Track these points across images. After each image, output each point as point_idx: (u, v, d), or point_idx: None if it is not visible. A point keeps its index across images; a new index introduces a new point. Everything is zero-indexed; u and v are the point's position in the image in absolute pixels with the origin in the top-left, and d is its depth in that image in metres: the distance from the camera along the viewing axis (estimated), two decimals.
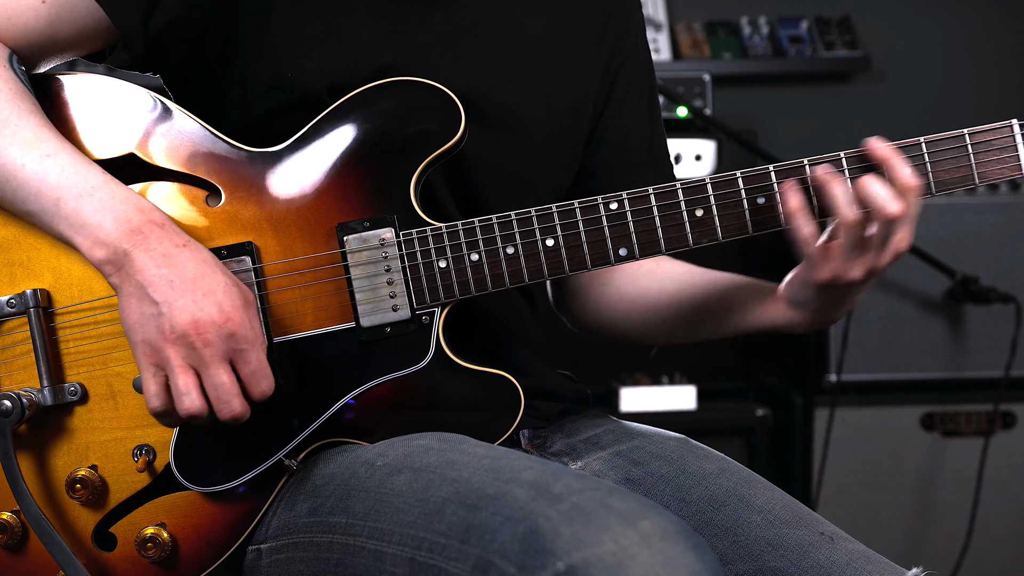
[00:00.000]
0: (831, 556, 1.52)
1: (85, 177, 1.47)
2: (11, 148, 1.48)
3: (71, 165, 1.47)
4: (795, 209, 1.53)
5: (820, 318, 1.62)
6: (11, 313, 1.54)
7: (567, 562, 1.21)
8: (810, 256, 1.54)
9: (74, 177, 1.47)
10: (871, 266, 1.52)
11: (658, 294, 1.83)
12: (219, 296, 1.43)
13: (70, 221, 1.46)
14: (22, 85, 1.53)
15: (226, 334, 1.43)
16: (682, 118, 3.57)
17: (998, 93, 4.35)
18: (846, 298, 1.58)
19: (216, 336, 1.42)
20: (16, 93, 1.51)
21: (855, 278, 1.53)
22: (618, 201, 1.57)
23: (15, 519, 1.55)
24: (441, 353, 1.56)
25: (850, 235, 1.50)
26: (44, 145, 1.48)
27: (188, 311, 1.42)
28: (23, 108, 1.50)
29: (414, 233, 1.55)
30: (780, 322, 1.67)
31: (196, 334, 1.42)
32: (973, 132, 1.55)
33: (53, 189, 1.46)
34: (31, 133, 1.49)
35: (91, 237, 1.45)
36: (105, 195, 1.46)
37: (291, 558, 1.53)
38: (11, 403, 1.49)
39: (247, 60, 1.61)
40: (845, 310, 1.62)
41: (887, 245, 1.51)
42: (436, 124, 1.56)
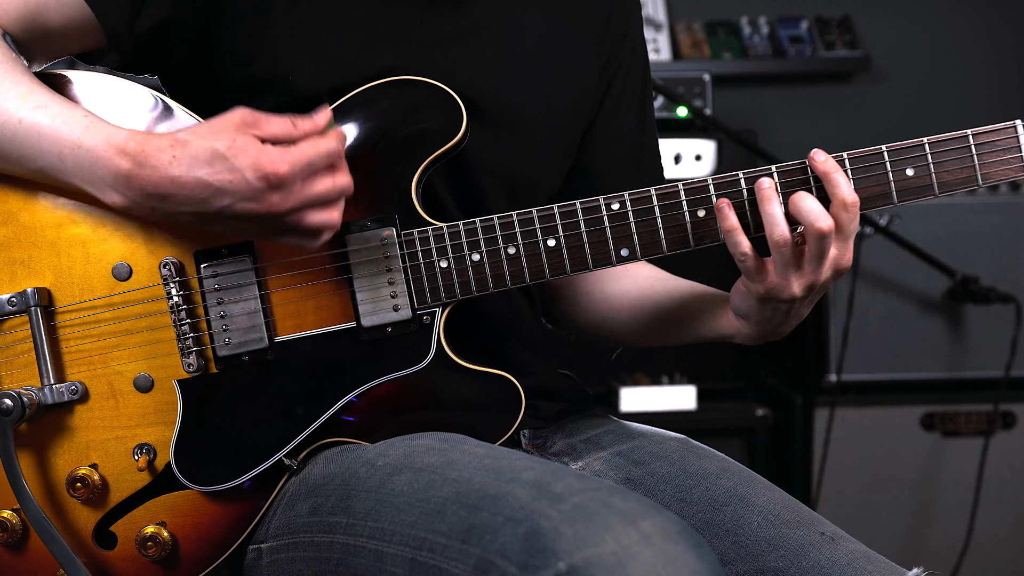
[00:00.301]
0: (832, 556, 1.52)
1: (71, 126, 1.46)
2: (7, 104, 1.48)
3: (60, 114, 1.47)
4: (729, 228, 1.53)
5: (767, 330, 1.62)
6: (12, 312, 1.54)
7: (568, 562, 1.21)
8: (747, 271, 1.55)
9: (63, 127, 1.46)
10: (810, 282, 1.53)
11: (619, 302, 1.85)
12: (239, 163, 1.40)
13: (78, 175, 1.47)
14: (12, 53, 1.53)
15: (278, 179, 1.41)
16: (682, 118, 3.57)
17: (998, 93, 4.35)
18: (791, 312, 1.58)
19: (277, 188, 1.41)
20: (6, 57, 1.52)
21: (794, 294, 1.53)
22: (620, 201, 1.56)
23: (15, 517, 1.55)
24: (442, 353, 1.56)
25: (783, 253, 1.51)
26: (35, 97, 1.48)
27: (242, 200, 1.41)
28: (13, 68, 1.51)
29: (415, 233, 1.55)
30: (729, 332, 1.67)
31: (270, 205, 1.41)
32: (977, 133, 1.55)
33: (52, 143, 1.46)
34: (25, 87, 1.49)
35: (99, 189, 1.46)
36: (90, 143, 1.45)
37: (291, 558, 1.53)
38: (12, 402, 1.49)
39: (245, 60, 1.60)
40: (793, 323, 1.61)
41: (823, 261, 1.51)
42: (438, 123, 1.56)
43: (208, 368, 1.55)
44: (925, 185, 1.55)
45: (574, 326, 1.94)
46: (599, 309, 1.87)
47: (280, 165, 1.40)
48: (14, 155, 1.50)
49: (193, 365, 1.54)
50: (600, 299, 1.87)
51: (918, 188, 1.55)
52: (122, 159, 1.43)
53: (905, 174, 1.55)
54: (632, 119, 1.86)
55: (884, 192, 1.55)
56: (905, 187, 1.55)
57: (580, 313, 1.91)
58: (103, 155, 1.44)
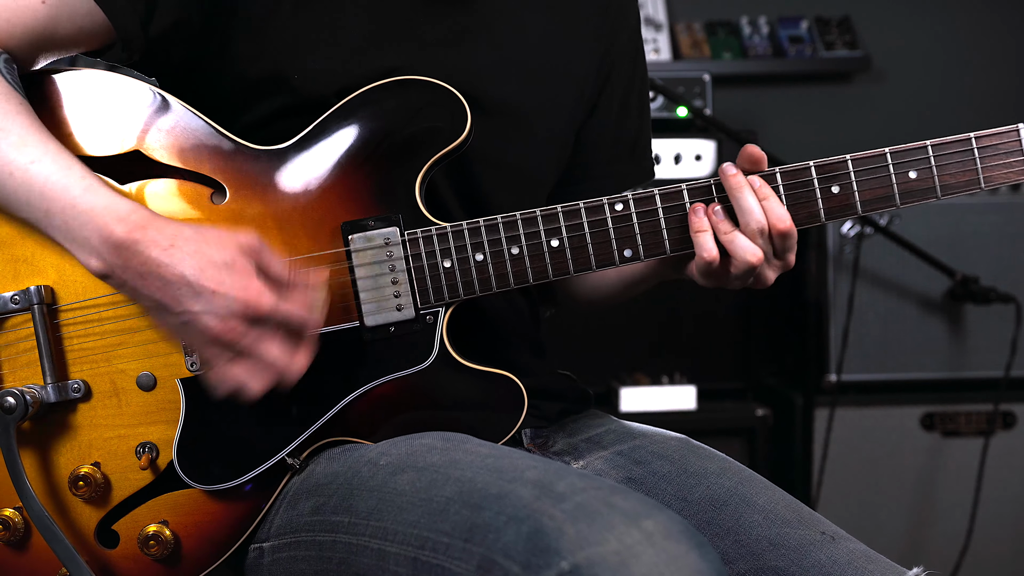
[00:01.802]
0: (832, 555, 1.52)
1: (66, 186, 1.44)
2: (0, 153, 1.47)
3: (54, 172, 1.45)
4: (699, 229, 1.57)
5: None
6: (15, 309, 1.54)
7: (571, 561, 1.21)
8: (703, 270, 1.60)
9: (56, 186, 1.44)
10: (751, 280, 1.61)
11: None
12: (227, 282, 1.40)
13: (63, 233, 1.45)
14: (9, 86, 1.51)
15: (252, 318, 1.41)
16: (682, 118, 3.57)
17: (998, 93, 4.35)
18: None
19: (245, 325, 1.41)
20: (3, 94, 1.50)
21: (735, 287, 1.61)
22: (623, 202, 1.57)
23: (18, 516, 1.55)
24: (445, 353, 1.56)
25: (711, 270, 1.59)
26: (28, 150, 1.46)
27: (207, 315, 1.40)
28: (10, 110, 1.49)
29: (419, 233, 1.55)
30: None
31: (226, 332, 1.40)
32: (979, 136, 1.55)
33: (40, 199, 1.45)
34: (16, 137, 1.47)
35: (83, 251, 1.44)
36: (85, 206, 1.44)
37: (293, 557, 1.53)
38: (14, 400, 1.49)
39: (250, 60, 1.60)
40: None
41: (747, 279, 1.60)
42: (442, 123, 1.56)
43: None
44: (928, 188, 1.56)
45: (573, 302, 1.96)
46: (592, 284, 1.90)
47: (266, 302, 1.41)
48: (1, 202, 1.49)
49: (196, 363, 1.54)
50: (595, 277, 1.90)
51: (921, 191, 1.56)
52: (119, 226, 1.42)
53: (908, 177, 1.56)
54: (634, 107, 1.88)
55: (887, 195, 1.56)
56: (908, 190, 1.56)
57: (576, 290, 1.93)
58: (98, 219, 1.42)
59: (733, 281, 1.60)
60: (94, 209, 1.43)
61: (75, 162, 1.47)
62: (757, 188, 1.55)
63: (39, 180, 1.45)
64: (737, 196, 1.55)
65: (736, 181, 1.55)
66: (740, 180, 1.55)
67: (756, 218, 1.54)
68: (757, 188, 1.55)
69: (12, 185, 1.46)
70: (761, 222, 1.54)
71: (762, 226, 1.54)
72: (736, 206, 1.55)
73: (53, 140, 1.48)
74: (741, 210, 1.55)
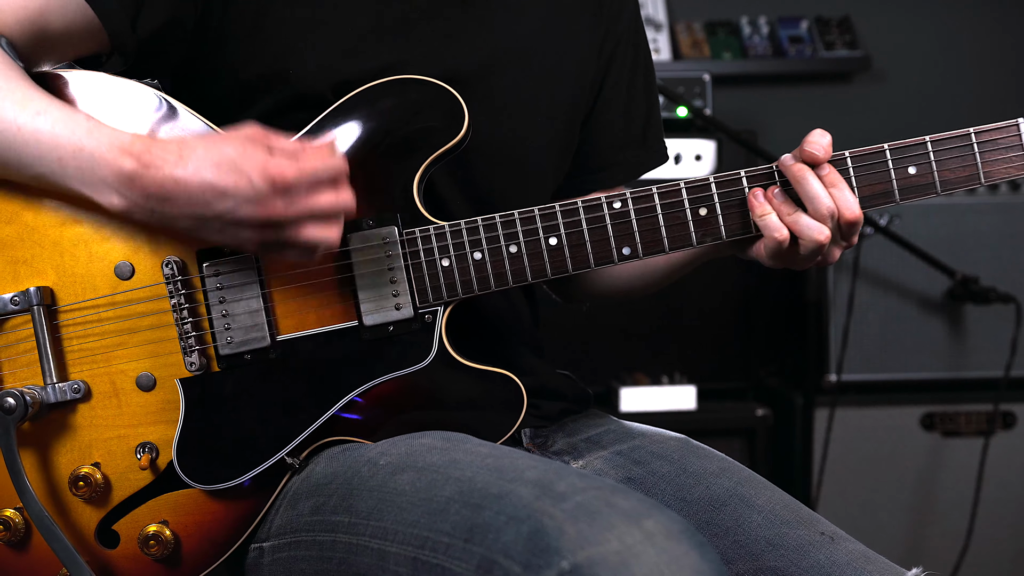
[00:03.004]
0: (831, 556, 1.52)
1: (72, 130, 1.45)
2: (4, 111, 1.47)
3: (60, 119, 1.46)
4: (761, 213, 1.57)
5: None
6: (15, 311, 1.54)
7: (572, 561, 1.21)
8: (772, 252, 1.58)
9: (64, 131, 1.45)
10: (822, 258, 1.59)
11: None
12: (246, 169, 1.40)
13: (78, 179, 1.46)
14: (10, 58, 1.52)
15: (283, 188, 1.41)
16: (682, 118, 3.57)
17: (998, 93, 4.36)
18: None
19: (282, 198, 1.41)
20: (4, 64, 1.51)
21: (803, 267, 1.61)
22: (621, 200, 1.57)
23: (18, 516, 1.55)
24: (444, 352, 1.56)
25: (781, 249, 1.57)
26: (33, 104, 1.47)
27: (243, 206, 1.40)
28: (10, 74, 1.50)
29: (417, 232, 1.55)
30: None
31: (271, 213, 1.41)
32: (979, 131, 1.55)
33: (51, 149, 1.45)
34: (21, 94, 1.48)
35: (100, 192, 1.45)
36: (92, 145, 1.44)
37: (293, 557, 1.53)
38: (14, 400, 1.49)
39: (246, 58, 1.61)
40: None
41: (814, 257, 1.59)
42: (439, 122, 1.56)
43: (210, 367, 1.55)
44: (927, 183, 1.56)
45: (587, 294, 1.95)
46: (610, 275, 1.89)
47: (287, 170, 1.40)
48: (12, 161, 1.48)
49: (195, 364, 1.54)
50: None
51: (920, 186, 1.56)
52: (126, 159, 1.42)
53: (907, 172, 1.56)
54: (639, 91, 1.88)
55: (886, 191, 1.56)
56: (907, 185, 1.56)
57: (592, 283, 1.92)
58: (106, 156, 1.43)
59: (802, 261, 1.59)
60: (100, 147, 1.44)
61: (78, 110, 1.49)
62: (825, 175, 1.55)
63: (46, 129, 1.45)
64: (803, 184, 1.54)
65: (799, 170, 1.54)
66: (803, 169, 1.54)
67: (825, 203, 1.54)
68: (825, 175, 1.55)
69: (22, 139, 1.46)
70: (830, 206, 1.54)
71: (832, 210, 1.54)
72: (803, 194, 1.55)
73: (55, 98, 1.49)
74: (808, 197, 1.54)
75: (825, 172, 1.54)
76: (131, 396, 1.55)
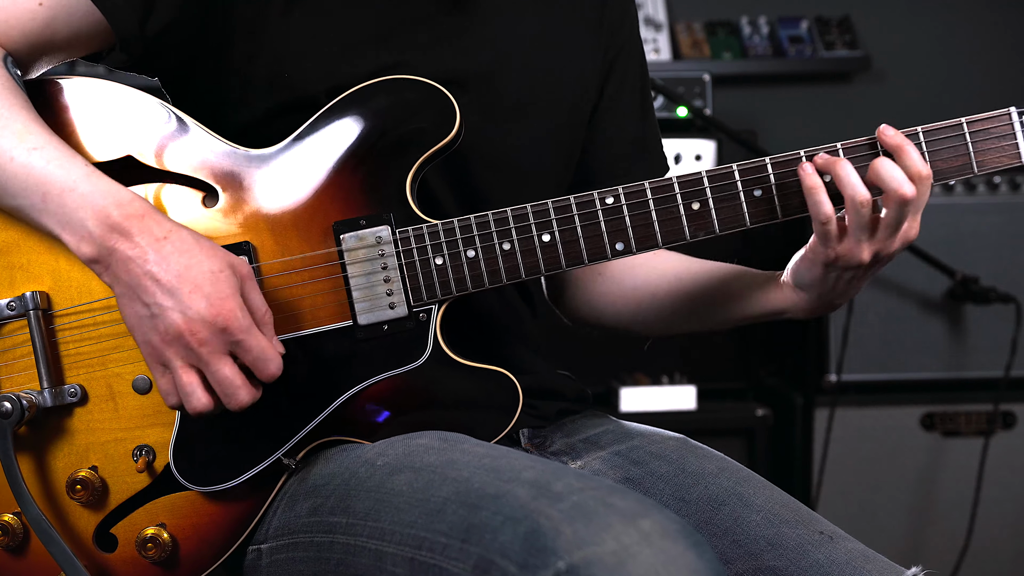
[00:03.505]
0: (830, 555, 1.52)
1: (68, 171, 1.46)
2: (1, 140, 1.47)
3: (56, 158, 1.46)
4: (814, 186, 1.53)
5: (823, 303, 1.63)
6: (11, 316, 1.54)
7: (568, 561, 1.21)
8: (825, 234, 1.54)
9: (58, 171, 1.45)
10: (878, 250, 1.54)
11: (656, 286, 1.84)
12: (206, 289, 1.42)
13: (56, 217, 1.45)
14: (15, 83, 1.53)
15: (219, 329, 1.42)
16: (682, 118, 3.57)
17: (998, 93, 4.35)
18: (851, 283, 1.59)
19: (209, 333, 1.41)
20: (8, 90, 1.51)
21: (863, 260, 1.54)
22: (614, 196, 1.57)
23: (16, 520, 1.55)
24: (439, 350, 1.56)
25: (861, 215, 1.51)
26: (32, 138, 1.47)
27: (176, 312, 1.41)
28: (14, 103, 1.50)
29: (410, 231, 1.55)
30: (782, 305, 1.68)
31: (189, 334, 1.41)
32: (971, 120, 1.55)
33: (39, 184, 1.45)
34: (20, 126, 1.48)
35: (76, 234, 1.44)
36: (86, 189, 1.45)
37: (291, 558, 1.53)
38: (11, 405, 1.49)
39: (246, 60, 1.61)
40: (848, 295, 1.63)
41: (897, 229, 1.53)
42: (431, 122, 1.56)
43: None
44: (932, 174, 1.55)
45: (603, 320, 1.94)
46: (636, 298, 1.87)
47: (236, 320, 1.42)
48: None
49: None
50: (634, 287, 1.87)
51: None
52: (117, 210, 1.43)
53: None
54: (636, 105, 1.87)
55: None
56: None
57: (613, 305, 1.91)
58: (98, 201, 1.44)
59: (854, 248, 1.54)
60: (95, 192, 1.44)
61: (77, 154, 1.49)
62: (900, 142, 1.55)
63: (39, 164, 1.46)
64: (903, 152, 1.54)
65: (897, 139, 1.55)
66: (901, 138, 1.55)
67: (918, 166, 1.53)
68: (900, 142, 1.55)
69: (12, 170, 1.46)
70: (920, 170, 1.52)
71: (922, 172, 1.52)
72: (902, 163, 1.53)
73: (55, 135, 1.50)
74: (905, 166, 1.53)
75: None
76: (127, 399, 1.55)
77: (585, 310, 1.94)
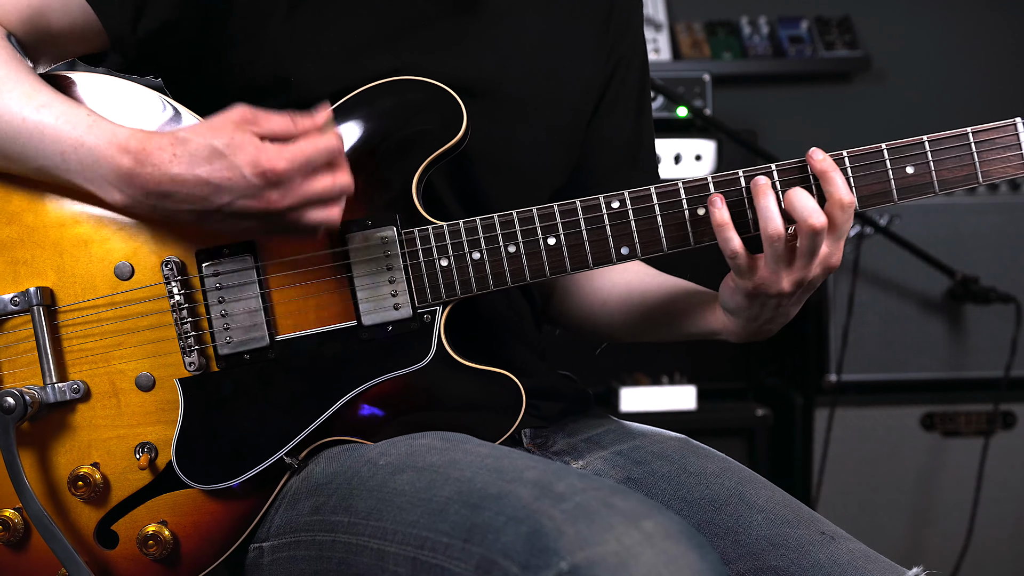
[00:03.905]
0: (832, 555, 1.52)
1: (74, 125, 1.47)
2: (11, 104, 1.49)
3: (63, 112, 1.48)
4: (720, 222, 1.53)
5: (754, 327, 1.63)
6: (15, 311, 1.54)
7: (571, 561, 1.21)
8: (737, 268, 1.55)
9: (64, 127, 1.47)
10: (798, 278, 1.54)
11: (607, 294, 1.86)
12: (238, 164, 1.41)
13: (81, 175, 1.48)
14: (16, 52, 1.54)
15: (278, 181, 1.42)
16: (682, 118, 3.57)
17: (998, 93, 4.35)
18: (778, 308, 1.59)
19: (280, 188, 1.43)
20: (11, 57, 1.53)
21: (783, 289, 1.54)
22: (620, 200, 1.57)
23: (17, 516, 1.55)
24: (443, 352, 1.56)
25: (775, 248, 1.51)
26: (38, 97, 1.49)
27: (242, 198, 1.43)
28: (19, 68, 1.52)
29: (416, 232, 1.55)
30: (716, 329, 1.68)
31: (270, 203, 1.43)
32: (976, 131, 1.55)
33: (54, 143, 1.47)
34: (29, 87, 1.50)
35: (104, 188, 1.47)
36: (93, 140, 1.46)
37: (293, 557, 1.53)
38: (14, 400, 1.49)
39: (248, 63, 1.61)
40: (780, 322, 1.62)
41: (813, 258, 1.52)
42: (438, 124, 1.56)
43: (209, 367, 1.55)
44: (925, 183, 1.55)
45: (564, 320, 1.95)
46: (588, 303, 1.89)
47: (278, 162, 1.41)
48: (16, 153, 1.50)
49: (194, 364, 1.54)
50: (588, 292, 1.88)
51: (918, 186, 1.56)
52: (124, 157, 1.44)
53: (905, 172, 1.55)
54: (631, 113, 1.87)
55: (884, 191, 1.56)
56: (905, 185, 1.55)
57: (569, 307, 1.92)
58: (105, 153, 1.45)
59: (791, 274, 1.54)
60: (99, 144, 1.46)
61: (82, 105, 1.50)
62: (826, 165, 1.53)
63: (50, 121, 1.48)
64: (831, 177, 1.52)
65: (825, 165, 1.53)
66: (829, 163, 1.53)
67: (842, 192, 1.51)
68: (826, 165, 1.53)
69: (26, 131, 1.49)
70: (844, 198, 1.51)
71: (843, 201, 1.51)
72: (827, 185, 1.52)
73: (60, 93, 1.52)
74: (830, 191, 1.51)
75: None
76: (130, 396, 1.55)
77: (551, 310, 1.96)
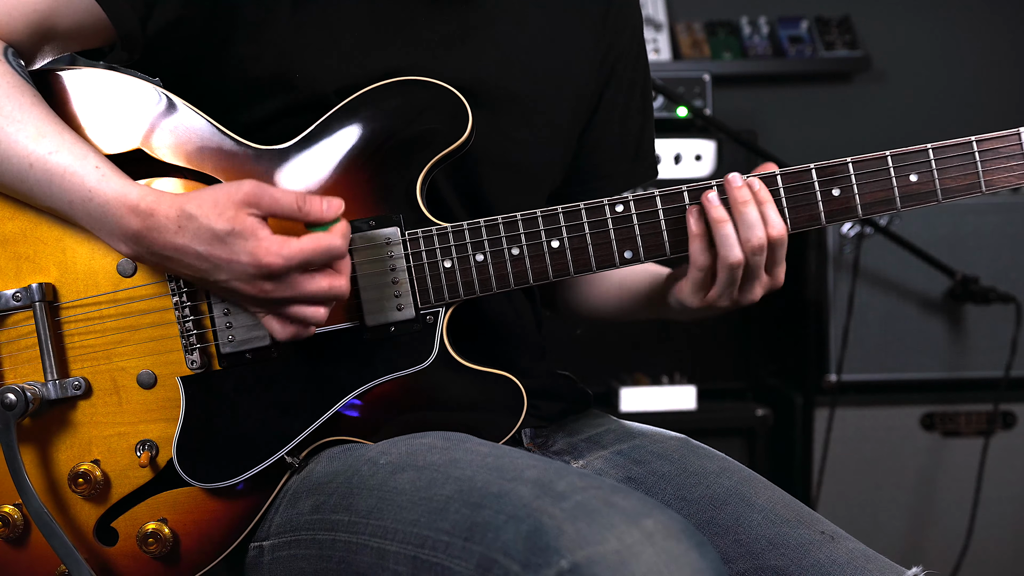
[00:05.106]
0: (831, 555, 1.52)
1: (82, 179, 1.47)
2: (17, 147, 1.48)
3: (72, 163, 1.48)
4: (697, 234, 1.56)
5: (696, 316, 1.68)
6: (17, 307, 1.55)
7: (571, 560, 1.21)
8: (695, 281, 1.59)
9: (73, 179, 1.47)
10: (737, 300, 1.59)
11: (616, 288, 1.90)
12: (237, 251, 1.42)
13: (89, 223, 1.49)
14: (20, 78, 1.53)
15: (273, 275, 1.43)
16: (682, 118, 3.57)
17: (998, 93, 4.35)
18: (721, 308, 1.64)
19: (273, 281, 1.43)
20: (15, 86, 1.51)
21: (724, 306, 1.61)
22: (624, 203, 1.57)
23: (17, 512, 1.55)
24: (445, 353, 1.56)
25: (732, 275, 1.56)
26: (46, 142, 1.48)
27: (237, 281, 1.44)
28: (24, 102, 1.51)
29: (419, 233, 1.55)
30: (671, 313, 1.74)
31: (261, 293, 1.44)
32: (980, 139, 1.55)
33: (61, 192, 1.48)
34: (34, 128, 1.49)
35: (112, 239, 1.49)
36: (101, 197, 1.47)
37: (293, 555, 1.53)
38: (15, 396, 1.49)
39: (251, 60, 1.61)
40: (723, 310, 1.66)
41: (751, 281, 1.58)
42: (443, 124, 1.56)
43: (211, 365, 1.55)
44: (928, 191, 1.56)
45: (562, 307, 1.98)
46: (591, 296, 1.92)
47: (275, 259, 1.42)
48: (23, 194, 1.52)
49: (196, 362, 1.54)
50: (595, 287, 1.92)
51: (921, 194, 1.56)
52: (132, 218, 1.45)
53: (909, 180, 1.56)
54: (631, 108, 1.87)
55: (888, 198, 1.56)
56: (908, 193, 1.56)
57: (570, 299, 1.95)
58: (114, 211, 1.46)
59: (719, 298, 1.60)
60: (108, 202, 1.46)
61: (90, 151, 1.50)
62: (756, 191, 1.54)
63: (58, 171, 1.48)
64: (742, 210, 1.54)
65: (742, 194, 1.54)
66: (747, 194, 1.54)
67: (757, 234, 1.54)
68: (756, 191, 1.54)
69: (34, 177, 1.49)
70: (761, 238, 1.54)
71: (762, 242, 1.54)
72: (739, 220, 1.54)
73: (68, 130, 1.51)
74: (744, 224, 1.54)
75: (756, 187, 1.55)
76: (132, 393, 1.55)
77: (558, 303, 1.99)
